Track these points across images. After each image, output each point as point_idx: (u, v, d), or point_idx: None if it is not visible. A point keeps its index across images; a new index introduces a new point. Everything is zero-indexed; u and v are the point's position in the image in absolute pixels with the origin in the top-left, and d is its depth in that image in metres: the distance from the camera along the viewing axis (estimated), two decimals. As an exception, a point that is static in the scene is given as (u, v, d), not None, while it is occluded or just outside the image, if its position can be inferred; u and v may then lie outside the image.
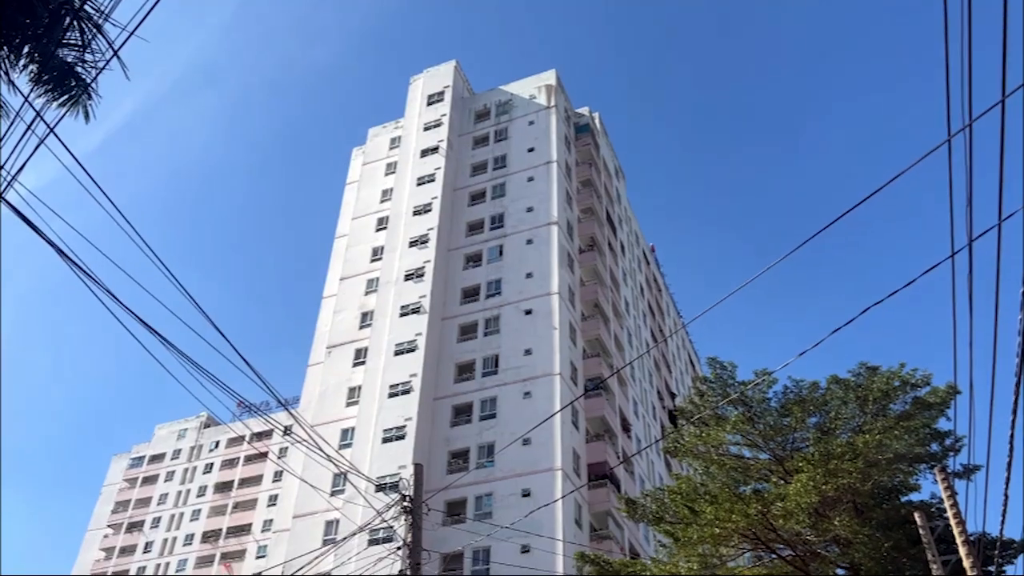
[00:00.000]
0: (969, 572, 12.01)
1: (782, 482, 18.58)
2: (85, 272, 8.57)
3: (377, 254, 52.55)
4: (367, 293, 50.96)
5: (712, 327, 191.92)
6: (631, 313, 60.68)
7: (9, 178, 7.77)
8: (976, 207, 6.84)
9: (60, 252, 8.26)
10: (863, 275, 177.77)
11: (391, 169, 57.30)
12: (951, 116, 6.64)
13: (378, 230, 54.02)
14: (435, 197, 52.48)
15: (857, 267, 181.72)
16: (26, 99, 8.19)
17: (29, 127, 7.80)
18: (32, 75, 8.90)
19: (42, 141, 7.76)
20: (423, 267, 49.32)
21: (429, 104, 58.62)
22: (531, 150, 54.07)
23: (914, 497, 19.75)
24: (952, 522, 12.83)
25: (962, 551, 12.31)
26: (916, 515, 17.28)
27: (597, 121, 63.81)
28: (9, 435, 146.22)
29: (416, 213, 52.42)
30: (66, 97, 9.07)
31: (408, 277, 49.36)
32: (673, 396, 65.57)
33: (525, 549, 36.15)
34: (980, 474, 20.38)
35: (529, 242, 49.28)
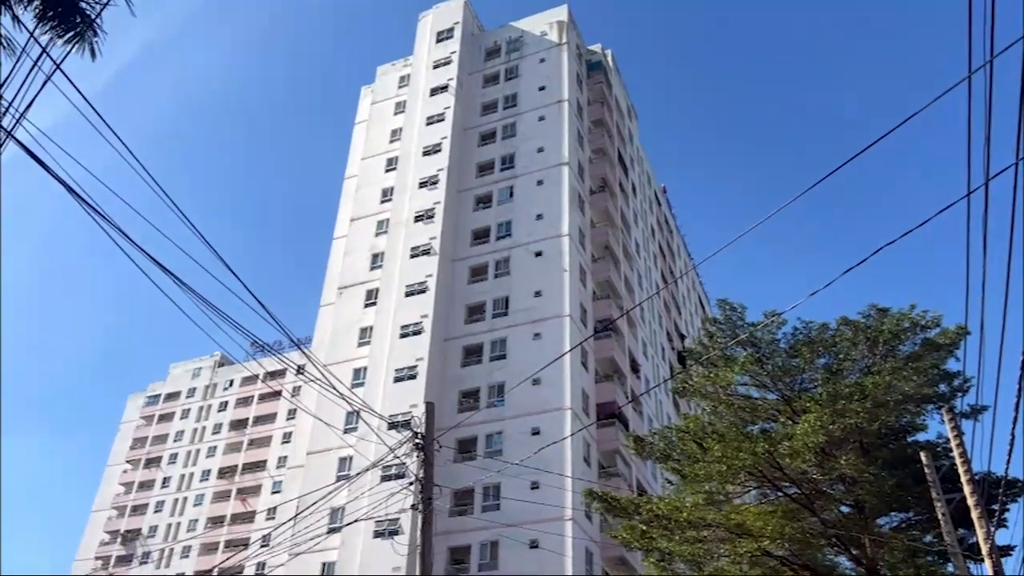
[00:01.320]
0: (973, 510, 12.18)
1: (789, 422, 18.73)
2: (97, 212, 8.59)
3: (387, 195, 52.34)
4: (377, 234, 50.95)
5: (723, 269, 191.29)
6: (641, 255, 60.55)
7: (17, 116, 7.73)
8: (994, 145, 6.72)
9: (71, 191, 8.27)
10: (876, 217, 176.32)
11: (400, 108, 56.67)
12: (972, 52, 6.48)
13: (388, 171, 53.70)
14: (445, 137, 52.00)
15: (870, 209, 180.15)
16: (31, 35, 8.10)
17: (35, 64, 7.74)
18: (37, 11, 8.79)
19: (48, 78, 7.70)
20: (433, 208, 49.16)
21: (438, 41, 57.61)
22: (542, 89, 53.27)
23: (920, 437, 19.92)
24: (957, 461, 12.96)
25: (966, 489, 12.46)
26: (922, 454, 17.46)
27: (609, 59, 62.62)
28: (26, 376, 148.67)
29: (426, 153, 52.04)
30: (71, 34, 8.96)
31: (418, 218, 49.27)
32: (682, 337, 65.85)
33: (534, 485, 36.84)
34: (987, 414, 20.50)
35: (540, 183, 48.94)
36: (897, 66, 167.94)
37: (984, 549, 12.15)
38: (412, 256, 47.82)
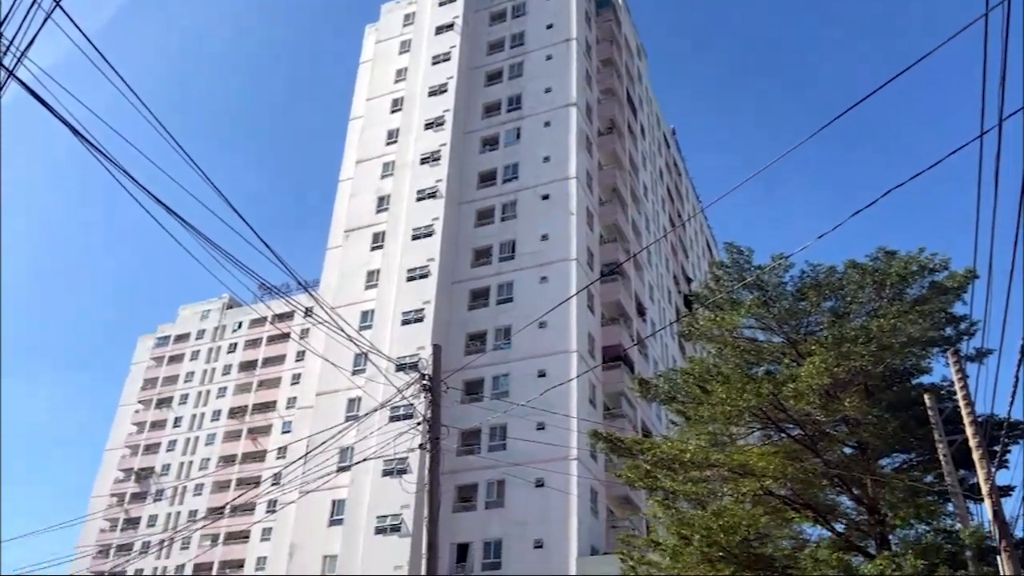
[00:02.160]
0: (974, 451, 12.31)
1: (794, 364, 18.80)
2: (101, 152, 8.53)
3: (392, 137, 51.85)
4: (383, 177, 50.64)
5: (731, 213, 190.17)
6: (649, 198, 60.14)
7: (18, 55, 7.63)
8: (1009, 86, 6.57)
9: (75, 131, 8.21)
10: (886, 160, 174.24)
11: (405, 48, 55.71)
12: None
13: (393, 112, 53.07)
14: (450, 77, 51.26)
15: (880, 152, 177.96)
16: (30, -29, 7.92)
17: (35, 1, 7.60)
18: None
19: (48, 16, 7.57)
20: (439, 150, 48.75)
21: (444, -22, 56.33)
22: (550, 27, 52.23)
23: (925, 380, 19.99)
24: (961, 403, 13.05)
25: (968, 431, 12.57)
26: (926, 397, 17.57)
27: (619, -4, 61.25)
28: (36, 320, 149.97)
29: (431, 94, 51.36)
30: (70, -31, 8.76)
31: (424, 161, 48.90)
32: (689, 281, 65.86)
33: (540, 426, 37.31)
34: (992, 358, 20.57)
35: (547, 124, 48.38)
36: (910, 8, 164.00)
37: (984, 489, 12.31)
38: (418, 199, 47.62)
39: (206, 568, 73.28)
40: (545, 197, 45.96)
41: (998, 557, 12.29)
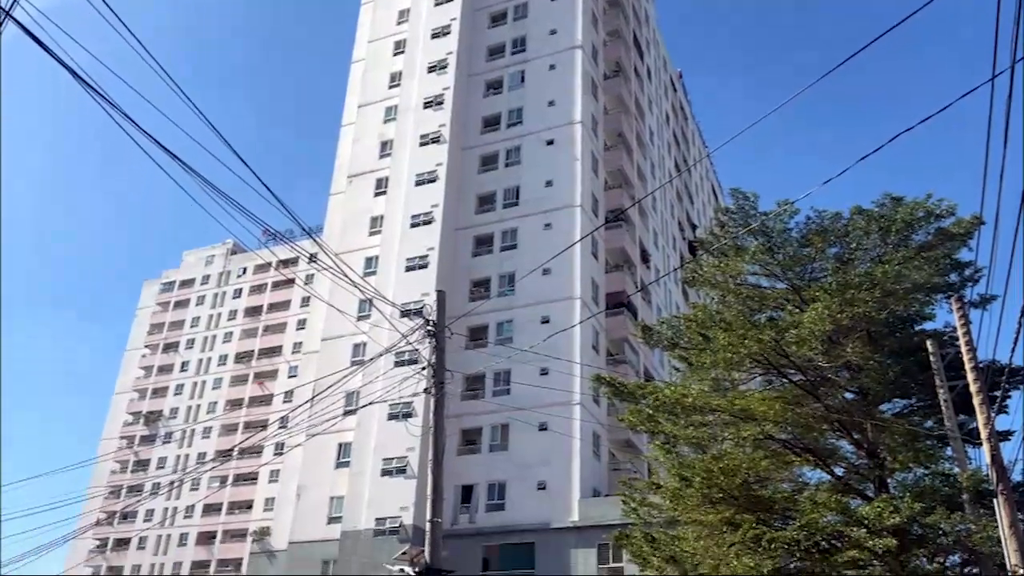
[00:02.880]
0: (975, 396, 12.40)
1: (797, 311, 18.81)
2: (101, 95, 8.44)
3: (395, 80, 51.14)
4: (386, 121, 50.11)
5: (737, 158, 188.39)
6: (655, 143, 59.55)
7: (15, -5, 7.48)
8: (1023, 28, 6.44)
9: (74, 74, 8.11)
10: (895, 105, 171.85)
11: (408, -12, 54.57)
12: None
13: (395, 54, 52.26)
14: (453, 18, 50.34)
15: (890, 97, 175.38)
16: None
17: (29, -61, 7.43)
18: None
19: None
20: (442, 94, 48.15)
21: (447, -84, 54.86)
22: (555, -32, 51.05)
23: (928, 326, 20.01)
24: (963, 349, 13.10)
25: (969, 377, 12.65)
26: (928, 343, 17.63)
27: (626, -65, 59.66)
28: (39, 265, 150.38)
29: (434, 36, 50.50)
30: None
31: (427, 105, 48.34)
32: (694, 227, 65.63)
33: (544, 372, 37.64)
34: (996, 304, 20.57)
35: (552, 68, 47.66)
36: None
37: (983, 434, 12.44)
38: (421, 144, 47.23)
39: (215, 508, 74.85)
40: (550, 143, 45.56)
41: (995, 500, 12.47)
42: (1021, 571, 11.03)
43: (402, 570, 11.95)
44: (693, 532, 18.16)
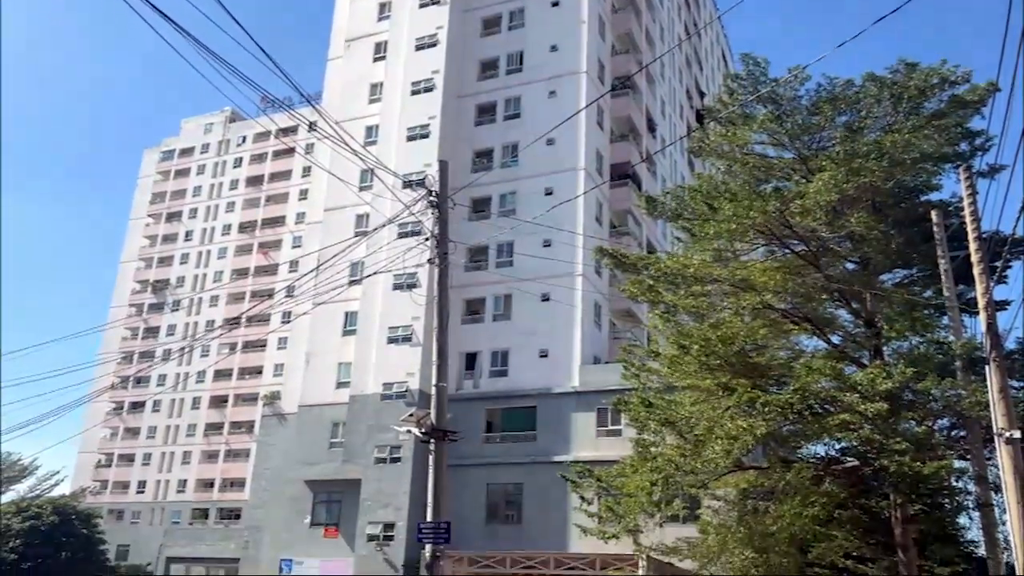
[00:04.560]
0: (975, 266, 12.45)
1: (804, 181, 18.64)
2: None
3: (393, -63, 48.57)
4: (384, -20, 48.00)
5: (748, 21, 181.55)
6: (664, 5, 57.21)
7: None
8: None
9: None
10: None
11: None
12: None
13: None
14: None
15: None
16: None
17: None
18: None
19: None
20: (442, -47, 45.86)
21: None
22: None
23: (934, 197, 19.90)
24: (967, 218, 13.02)
25: (972, 246, 12.64)
26: (933, 213, 17.56)
27: None
28: (39, 132, 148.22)
29: None
30: None
31: (427, -36, 46.13)
32: (702, 95, 64.01)
33: (547, 243, 37.76)
34: (1004, 174, 20.34)
35: (558, -76, 45.16)
36: None
37: (981, 302, 12.56)
38: (421, 5, 45.46)
39: (226, 373, 77.05)
40: (555, 3, 43.85)
41: (986, 367, 12.74)
42: (1007, 433, 11.40)
43: (409, 431, 12.39)
44: (690, 397, 18.71)
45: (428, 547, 10.97)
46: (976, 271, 12.55)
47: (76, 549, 31.25)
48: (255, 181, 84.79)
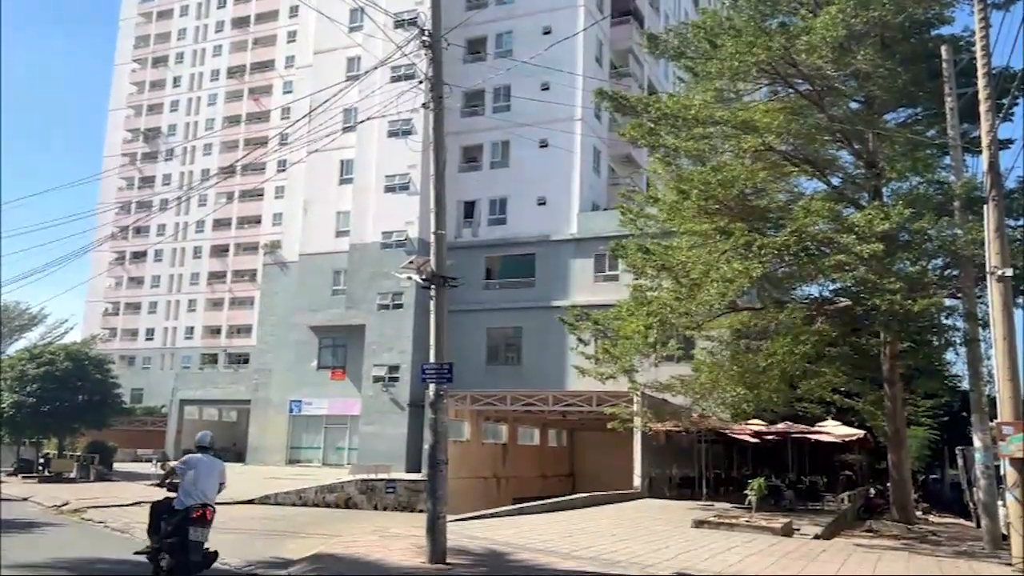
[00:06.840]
0: (982, 102, 12.17)
1: (811, 15, 17.92)
2: None
3: None
4: None
5: None
6: None
7: None
8: None
9: None
10: None
11: None
12: None
13: None
14: None
15: None
16: None
17: None
18: None
19: None
20: None
21: None
22: None
23: (944, 31, 19.19)
24: (978, 52, 12.58)
25: (980, 82, 12.30)
26: (942, 48, 16.99)
27: None
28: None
29: None
30: None
31: None
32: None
33: (545, 86, 36.81)
34: (1019, 6, 19.51)
35: None
36: None
37: (984, 140, 12.38)
38: None
39: (225, 223, 77.22)
40: None
41: (985, 207, 12.73)
42: (1000, 271, 11.55)
43: (410, 277, 12.51)
44: (687, 242, 18.82)
45: (432, 387, 11.34)
46: (983, 107, 12.30)
47: (92, 392, 32.40)
48: (241, 23, 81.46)
